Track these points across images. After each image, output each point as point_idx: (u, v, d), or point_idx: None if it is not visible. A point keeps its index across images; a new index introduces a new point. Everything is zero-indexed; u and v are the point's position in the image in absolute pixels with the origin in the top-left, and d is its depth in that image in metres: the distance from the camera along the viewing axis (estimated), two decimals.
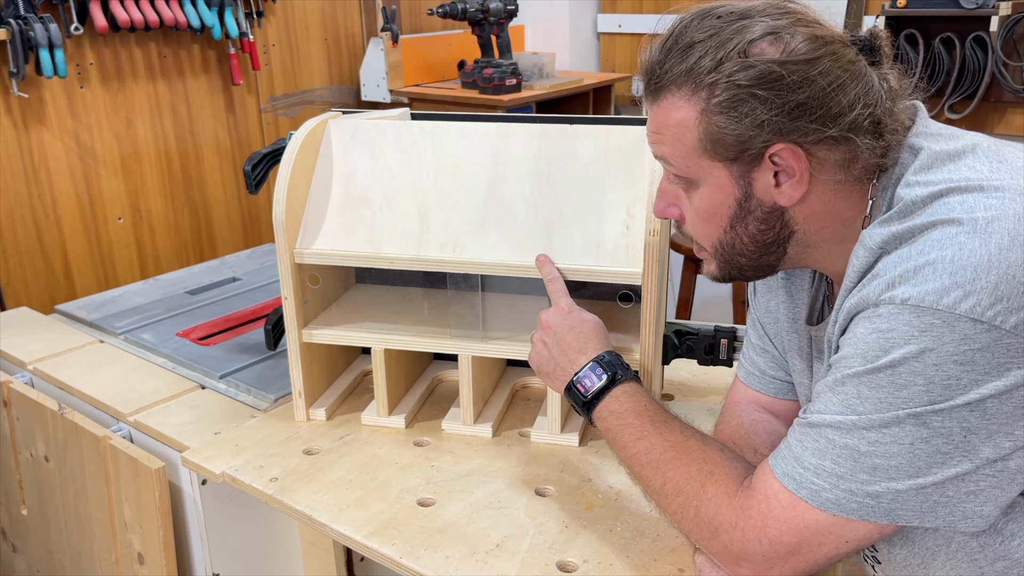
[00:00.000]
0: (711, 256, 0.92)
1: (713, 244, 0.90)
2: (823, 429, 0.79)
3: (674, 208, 0.92)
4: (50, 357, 1.59)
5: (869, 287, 0.78)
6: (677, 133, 0.85)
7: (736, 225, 0.87)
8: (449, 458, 1.22)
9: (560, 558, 1.00)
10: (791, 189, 0.84)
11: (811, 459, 0.80)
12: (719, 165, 0.84)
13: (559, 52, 3.56)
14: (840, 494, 0.78)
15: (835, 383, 0.80)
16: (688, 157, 0.85)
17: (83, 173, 2.55)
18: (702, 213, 0.89)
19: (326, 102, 3.20)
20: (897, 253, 0.78)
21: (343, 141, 1.29)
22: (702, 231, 0.90)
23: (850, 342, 0.79)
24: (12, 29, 2.23)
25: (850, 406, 0.78)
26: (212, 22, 2.64)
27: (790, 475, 0.81)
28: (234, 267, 2.03)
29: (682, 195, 0.90)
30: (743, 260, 0.90)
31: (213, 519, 1.33)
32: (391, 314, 1.35)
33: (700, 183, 0.87)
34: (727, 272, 0.93)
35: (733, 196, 0.86)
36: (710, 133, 0.82)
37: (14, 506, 1.67)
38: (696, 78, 0.82)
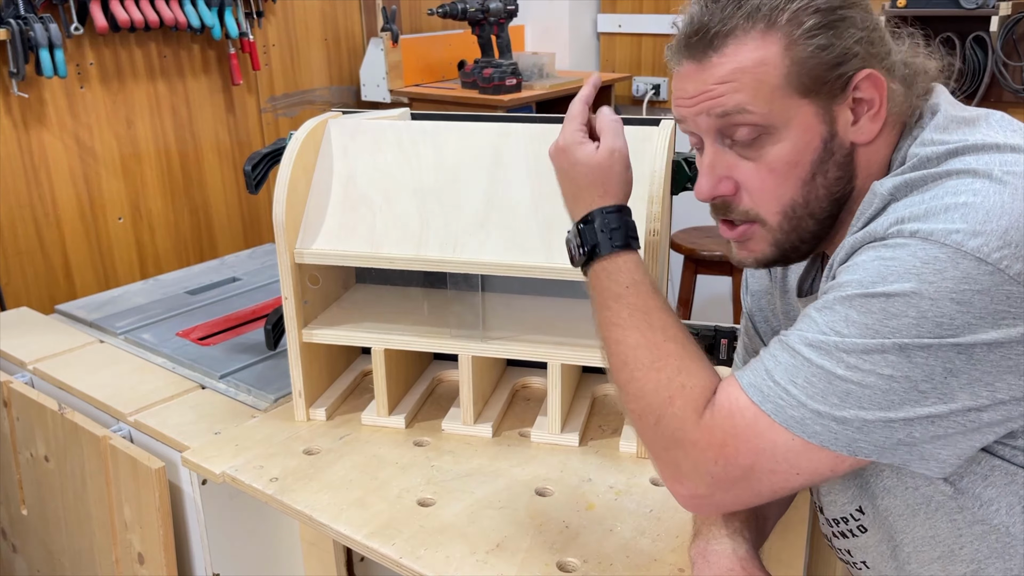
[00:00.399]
0: (772, 228, 0.85)
1: (784, 207, 0.84)
2: (801, 347, 0.76)
3: (727, 181, 0.84)
4: (50, 357, 1.59)
5: (876, 222, 0.76)
6: (758, 74, 0.79)
7: (817, 174, 0.82)
8: (449, 458, 1.22)
9: (560, 558, 1.00)
10: (870, 122, 0.81)
11: (782, 374, 0.76)
12: (805, 102, 0.80)
13: (559, 52, 3.56)
14: (806, 413, 0.75)
15: (823, 305, 0.77)
16: (772, 98, 0.79)
17: (83, 173, 2.55)
18: (782, 165, 0.82)
19: (326, 102, 3.20)
20: (908, 199, 0.76)
21: (343, 141, 1.29)
22: (775, 192, 0.83)
23: (849, 269, 0.76)
24: (12, 29, 2.23)
25: (835, 328, 0.74)
26: (212, 22, 2.64)
27: (757, 386, 0.78)
28: (234, 267, 2.03)
29: (738, 162, 0.83)
30: (811, 224, 0.84)
31: (213, 519, 1.33)
32: (391, 314, 1.35)
33: (782, 128, 0.81)
34: (785, 245, 0.86)
35: (820, 136, 0.81)
36: (801, 63, 0.78)
37: (14, 506, 1.67)
38: (769, 13, 0.78)
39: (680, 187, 1.23)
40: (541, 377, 1.40)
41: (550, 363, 1.22)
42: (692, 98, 0.83)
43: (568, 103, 1.05)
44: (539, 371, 1.42)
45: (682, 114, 0.85)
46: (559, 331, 1.27)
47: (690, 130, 0.86)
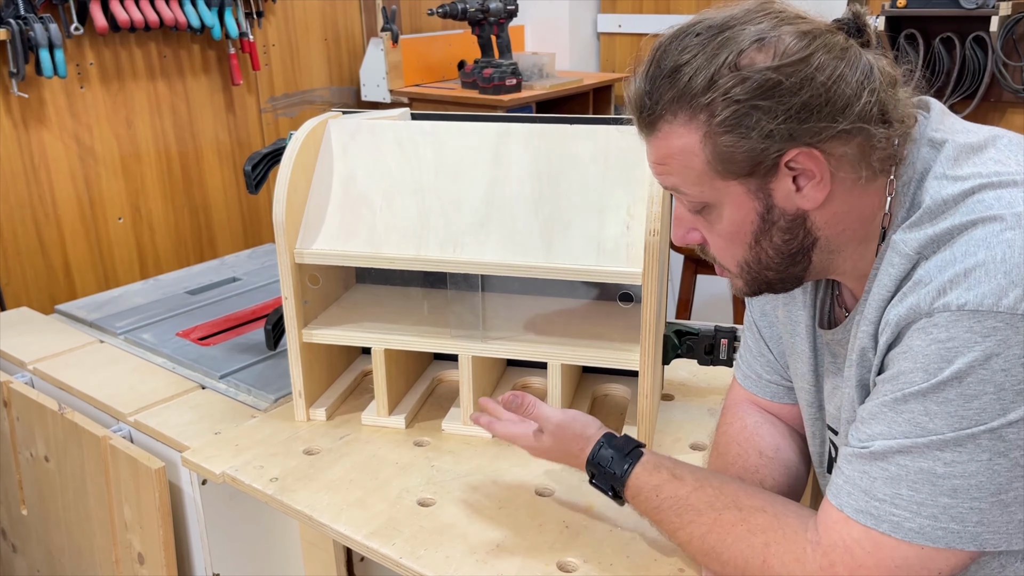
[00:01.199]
0: (737, 275, 0.90)
1: (738, 263, 0.88)
2: (892, 456, 0.75)
3: (695, 232, 0.89)
4: (50, 357, 1.59)
5: (917, 295, 0.75)
6: (683, 160, 0.81)
7: (761, 240, 0.84)
8: (449, 458, 1.22)
9: (560, 558, 1.00)
10: (814, 191, 0.81)
11: (884, 490, 0.75)
12: (734, 183, 0.81)
13: (559, 52, 3.56)
14: (923, 522, 0.74)
15: (895, 403, 0.76)
16: (700, 182, 0.82)
17: (83, 173, 2.55)
18: (725, 235, 0.86)
19: (326, 102, 3.20)
20: (939, 257, 0.75)
21: (343, 141, 1.29)
22: (726, 252, 0.88)
23: (906, 356, 0.75)
24: (12, 29, 2.23)
25: (919, 425, 0.74)
26: (212, 22, 2.64)
27: (866, 511, 0.76)
28: (234, 267, 2.03)
29: (700, 219, 0.87)
30: (771, 274, 0.87)
31: (213, 519, 1.33)
32: (391, 314, 1.35)
33: (718, 205, 0.84)
34: (756, 288, 0.90)
35: (754, 211, 0.83)
36: (718, 154, 0.79)
37: (14, 506, 1.67)
38: (691, 101, 0.78)
39: None
40: (541, 377, 1.40)
41: (550, 363, 1.22)
42: (649, 163, 0.87)
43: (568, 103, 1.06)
44: (539, 371, 1.41)
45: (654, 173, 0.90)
46: (559, 331, 1.27)
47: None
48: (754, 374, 1.09)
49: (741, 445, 1.04)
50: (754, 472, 1.01)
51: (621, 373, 1.38)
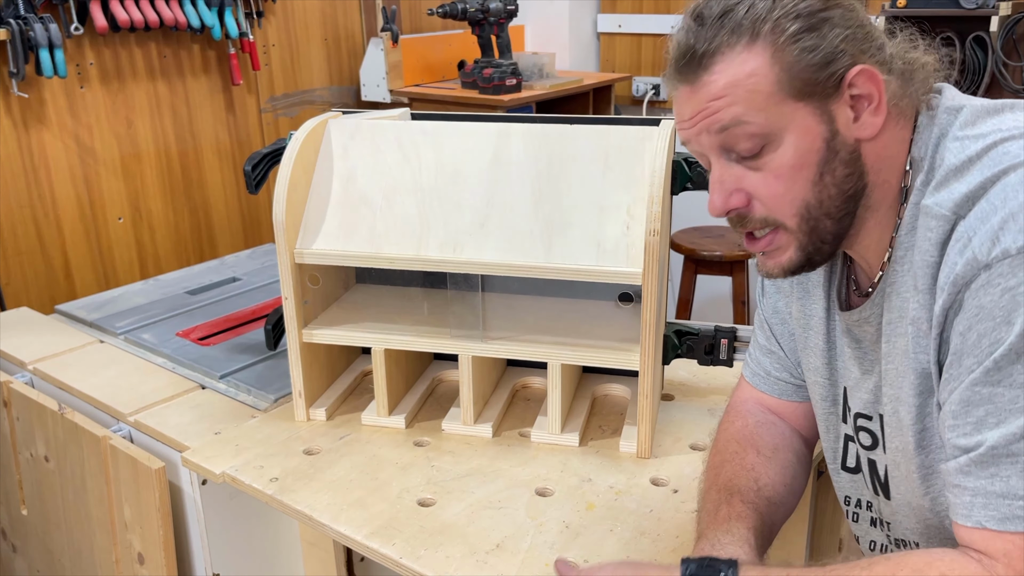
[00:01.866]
0: (793, 231, 0.84)
1: (799, 209, 0.82)
2: (1015, 443, 0.70)
3: (738, 194, 0.84)
4: (50, 357, 1.59)
5: (969, 250, 0.73)
6: (750, 85, 0.79)
7: (824, 174, 0.81)
8: (449, 458, 1.22)
9: (560, 558, 1.00)
10: (871, 116, 0.81)
11: (1020, 484, 0.70)
12: (800, 105, 0.80)
13: (559, 52, 3.56)
14: None
15: (987, 374, 0.71)
16: (767, 106, 0.79)
17: (83, 173, 2.55)
18: (787, 169, 0.81)
19: (326, 102, 3.20)
20: (977, 209, 0.74)
21: (343, 141, 1.29)
22: (786, 197, 0.82)
23: (979, 318, 0.72)
24: (12, 29, 2.23)
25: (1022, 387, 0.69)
26: (212, 22, 2.64)
27: (1011, 516, 0.70)
28: (234, 267, 2.03)
29: (745, 174, 0.83)
30: (829, 224, 0.83)
31: (213, 519, 1.33)
32: (391, 314, 1.35)
33: (782, 134, 0.80)
34: (809, 249, 0.85)
35: (820, 137, 0.80)
36: (789, 68, 0.78)
37: (14, 506, 1.67)
38: (753, 26, 0.79)
39: (680, 187, 1.23)
40: (541, 377, 1.40)
41: (550, 363, 1.22)
42: (690, 119, 0.83)
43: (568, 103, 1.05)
44: (539, 371, 1.41)
45: (685, 136, 0.86)
46: (559, 331, 1.27)
47: (696, 151, 0.87)
48: (763, 371, 1.08)
49: (739, 443, 1.04)
50: (750, 470, 1.01)
51: (621, 373, 1.38)
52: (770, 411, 1.09)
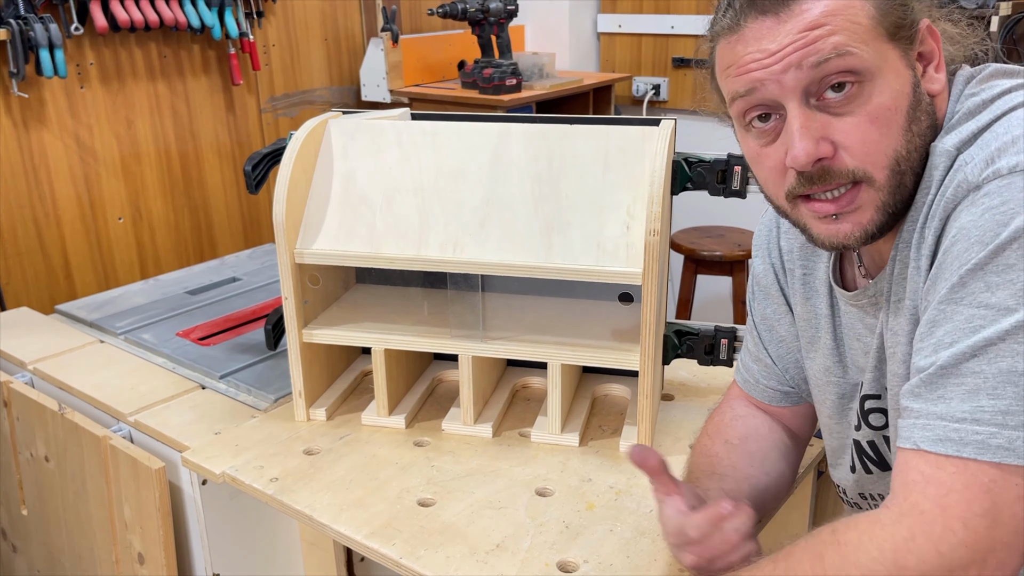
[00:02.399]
0: (880, 187, 0.77)
1: (891, 160, 0.76)
2: (964, 364, 0.66)
3: (825, 142, 0.76)
4: (50, 357, 1.59)
5: (961, 174, 0.70)
6: (849, 15, 0.74)
7: (913, 123, 0.76)
8: (449, 458, 1.22)
9: (560, 558, 1.00)
10: (936, 72, 0.78)
11: (962, 407, 0.66)
12: (890, 46, 0.75)
13: (559, 52, 3.56)
14: (1012, 434, 0.64)
15: (951, 292, 0.67)
16: (867, 40, 0.74)
17: (83, 173, 2.55)
18: (883, 112, 0.75)
19: (326, 102, 3.20)
20: (978, 143, 0.71)
21: (343, 141, 1.29)
22: (880, 144, 0.75)
23: (957, 238, 0.68)
24: (12, 29, 2.23)
25: (983, 306, 0.65)
26: (212, 22, 2.63)
27: (944, 438, 0.66)
28: (234, 267, 2.03)
29: (831, 121, 0.76)
30: (909, 182, 0.77)
31: (213, 519, 1.33)
32: (391, 314, 1.35)
33: (878, 74, 0.74)
34: (888, 210, 0.77)
35: (910, 82, 0.76)
36: (881, 4, 0.75)
37: (14, 506, 1.67)
38: None
39: (680, 187, 1.23)
40: (541, 377, 1.40)
41: (550, 363, 1.22)
42: (775, 54, 0.75)
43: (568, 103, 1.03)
44: (539, 371, 1.42)
45: (756, 77, 0.76)
46: (559, 331, 1.27)
47: (761, 98, 0.78)
48: (752, 378, 1.09)
49: (711, 436, 1.05)
50: (713, 456, 1.01)
51: (621, 373, 1.38)
52: (758, 408, 1.08)
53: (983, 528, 0.64)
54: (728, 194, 1.22)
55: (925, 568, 0.66)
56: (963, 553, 0.65)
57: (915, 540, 0.66)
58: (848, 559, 0.69)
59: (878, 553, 0.68)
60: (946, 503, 0.65)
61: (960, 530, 0.65)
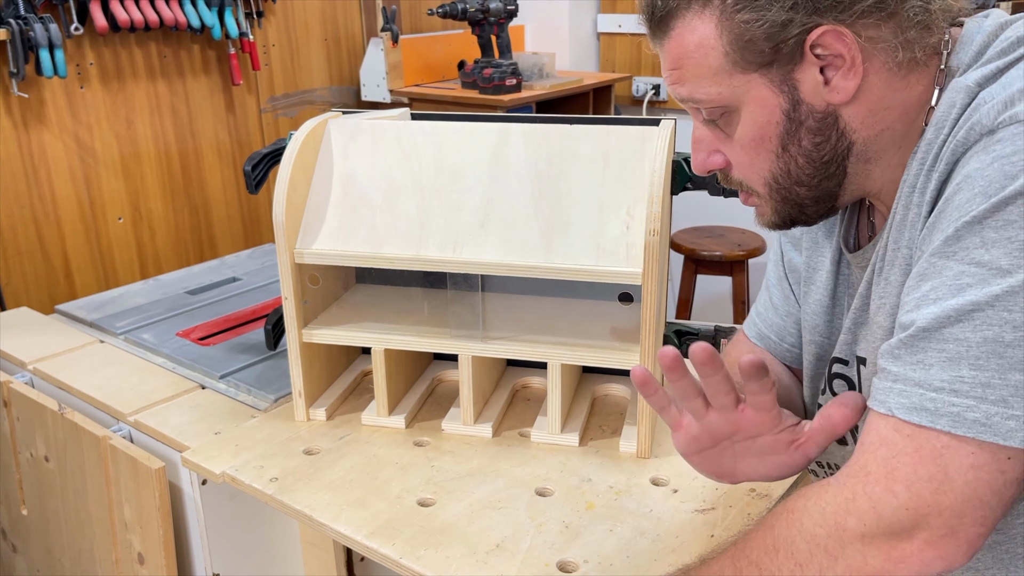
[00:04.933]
0: (766, 197, 0.81)
1: (766, 180, 0.78)
2: (946, 329, 0.62)
3: (717, 155, 0.81)
4: (50, 357, 1.59)
5: (976, 115, 0.65)
6: (699, 57, 0.74)
7: (788, 145, 0.76)
8: (449, 458, 1.22)
9: (560, 558, 1.00)
10: (844, 81, 0.72)
11: (941, 375, 0.62)
12: (754, 76, 0.74)
13: (559, 52, 3.56)
14: (990, 409, 0.60)
15: (945, 244, 0.62)
16: (718, 80, 0.75)
17: (83, 173, 2.56)
18: (749, 143, 0.77)
19: (326, 102, 3.20)
20: (1002, 80, 0.66)
21: (343, 141, 1.29)
22: (752, 167, 0.78)
23: (961, 187, 0.63)
24: (12, 29, 2.23)
25: (974, 263, 0.60)
26: (212, 22, 2.64)
27: (920, 407, 0.63)
28: (234, 267, 2.03)
29: (720, 137, 0.79)
30: (802, 191, 0.78)
31: (213, 519, 1.33)
32: (391, 314, 1.35)
33: (739, 107, 0.76)
34: (786, 212, 0.80)
35: (779, 108, 0.74)
36: (736, 38, 0.72)
37: (14, 506, 1.67)
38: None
39: (680, 187, 1.23)
40: (541, 377, 1.40)
41: (550, 363, 1.22)
42: (666, 78, 0.80)
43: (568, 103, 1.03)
44: (539, 371, 1.42)
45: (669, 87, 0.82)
46: (559, 331, 1.27)
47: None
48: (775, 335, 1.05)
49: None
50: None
51: (621, 373, 1.38)
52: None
53: (928, 493, 0.62)
54: (728, 194, 1.22)
55: (865, 529, 0.64)
56: (904, 516, 0.63)
57: (855, 500, 0.65)
58: (793, 526, 0.69)
59: (820, 516, 0.67)
60: (892, 464, 0.64)
61: (902, 492, 0.63)
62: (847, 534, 0.65)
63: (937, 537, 0.62)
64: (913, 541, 0.63)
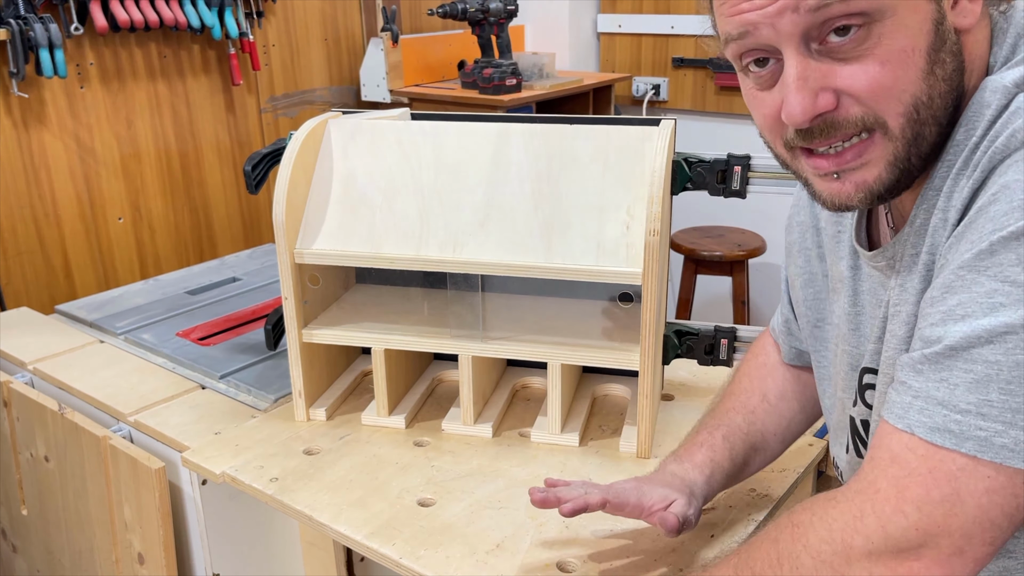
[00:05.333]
0: (895, 137, 0.68)
1: (907, 107, 0.66)
2: (976, 349, 0.59)
3: (827, 93, 0.67)
4: (50, 357, 1.59)
5: (1019, 120, 0.60)
6: None
7: (935, 65, 0.66)
8: (449, 458, 1.22)
9: (560, 558, 1.00)
10: (969, 2, 0.67)
11: (968, 397, 0.59)
12: None
13: (559, 52, 3.56)
14: (1019, 435, 0.58)
15: (977, 259, 0.59)
16: None
17: (83, 173, 2.55)
18: (896, 54, 0.65)
19: (326, 102, 3.20)
20: None
21: (343, 141, 1.29)
22: (894, 89, 0.66)
23: (997, 198, 0.59)
24: (12, 29, 2.23)
25: (1008, 282, 0.57)
26: (212, 22, 2.64)
27: (944, 429, 0.60)
28: (234, 267, 2.03)
29: (834, 68, 0.66)
30: (932, 132, 0.67)
31: (213, 519, 1.33)
32: (391, 314, 1.35)
33: (890, 11, 0.64)
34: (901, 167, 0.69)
35: (930, 16, 0.65)
36: None
37: (14, 506, 1.67)
38: None
39: (680, 187, 1.23)
40: (541, 377, 1.40)
41: (550, 363, 1.22)
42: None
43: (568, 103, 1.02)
44: (539, 371, 1.42)
45: (749, 19, 0.67)
46: (559, 331, 1.27)
47: (755, 42, 0.69)
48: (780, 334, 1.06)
49: (752, 381, 1.03)
50: (751, 413, 1.01)
51: (621, 373, 1.38)
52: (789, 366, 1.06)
53: (939, 515, 0.60)
54: (728, 194, 1.22)
55: (872, 548, 0.63)
56: (912, 536, 0.61)
57: (864, 519, 0.64)
58: (799, 541, 0.67)
59: (826, 532, 0.66)
60: (904, 484, 0.62)
61: (912, 513, 0.61)
62: (854, 552, 0.64)
63: (945, 556, 0.61)
64: (920, 560, 0.61)
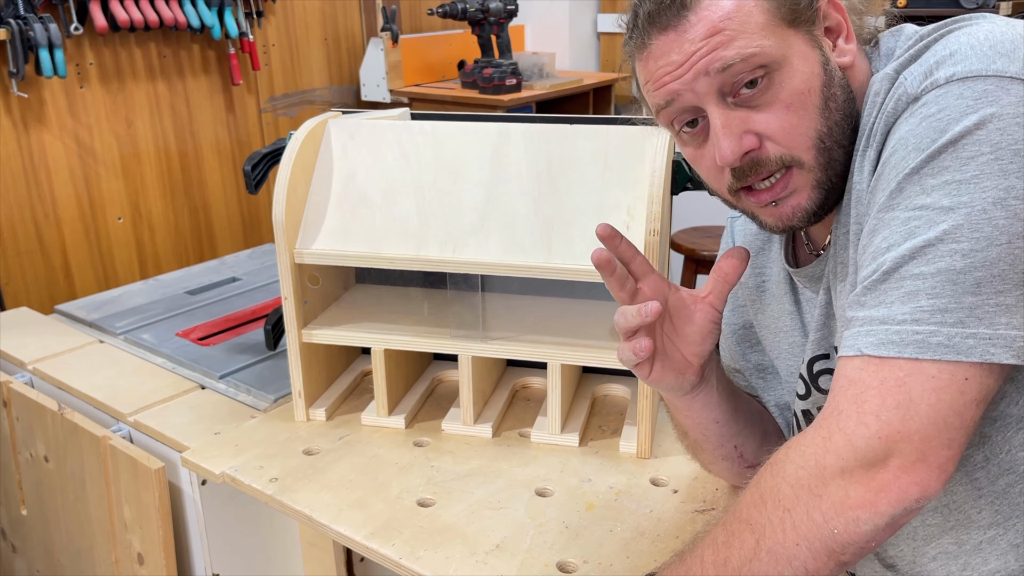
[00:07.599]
0: (811, 167, 0.79)
1: (814, 140, 0.77)
2: (903, 267, 0.67)
3: (749, 136, 0.78)
4: (50, 357, 1.59)
5: (901, 88, 0.71)
6: (742, 16, 0.75)
7: (829, 100, 0.77)
8: (449, 458, 1.22)
9: (560, 558, 1.00)
10: (845, 44, 0.79)
11: (902, 309, 0.67)
12: (792, 32, 0.76)
13: (559, 52, 3.56)
14: (951, 332, 0.65)
15: (890, 199, 0.69)
16: (765, 33, 0.75)
17: (83, 173, 2.56)
18: (795, 99, 0.77)
19: (326, 102, 3.20)
20: (918, 61, 0.72)
21: (343, 141, 1.29)
22: (799, 128, 0.77)
23: (895, 149, 0.70)
24: (12, 29, 2.23)
25: (919, 207, 0.66)
26: (212, 22, 2.64)
27: (887, 342, 0.67)
28: (234, 267, 2.03)
29: (750, 115, 0.78)
30: (840, 154, 0.79)
31: (213, 519, 1.33)
32: (391, 314, 1.35)
33: (785, 61, 0.76)
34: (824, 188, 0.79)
35: (818, 62, 0.77)
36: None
37: (14, 506, 1.67)
38: None
39: (680, 187, 1.23)
40: (541, 377, 1.40)
41: (550, 363, 1.22)
42: (683, 64, 0.77)
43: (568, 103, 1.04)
44: (539, 371, 1.42)
45: (672, 88, 0.79)
46: (559, 331, 1.27)
47: (682, 106, 0.80)
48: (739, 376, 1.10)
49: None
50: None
51: (621, 373, 1.38)
52: None
53: (896, 420, 0.66)
54: None
55: (843, 464, 0.67)
56: (877, 445, 0.66)
57: (832, 438, 0.68)
58: (778, 475, 0.72)
59: (801, 459, 0.70)
60: (862, 399, 0.67)
61: (873, 423, 0.66)
62: (827, 471, 0.68)
63: (910, 463, 0.66)
64: (888, 468, 0.66)
